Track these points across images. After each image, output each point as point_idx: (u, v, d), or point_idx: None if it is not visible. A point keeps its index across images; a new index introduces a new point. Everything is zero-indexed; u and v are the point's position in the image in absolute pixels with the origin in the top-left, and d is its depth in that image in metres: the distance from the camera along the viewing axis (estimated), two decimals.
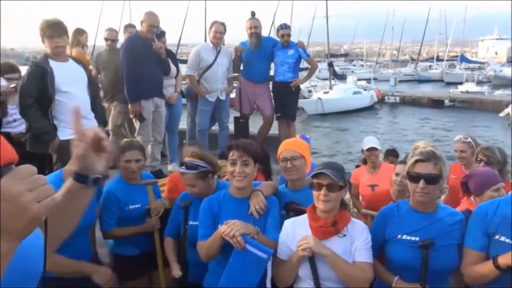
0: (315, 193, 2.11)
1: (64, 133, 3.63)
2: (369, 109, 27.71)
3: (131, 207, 2.97)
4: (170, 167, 5.34)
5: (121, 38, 5.77)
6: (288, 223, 2.28)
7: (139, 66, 4.56)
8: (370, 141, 4.34)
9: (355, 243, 2.12)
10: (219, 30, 5.33)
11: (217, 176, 2.86)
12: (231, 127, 6.00)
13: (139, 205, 3.00)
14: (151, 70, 4.68)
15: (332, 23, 30.76)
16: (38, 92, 3.54)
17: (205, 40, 6.45)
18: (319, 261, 2.08)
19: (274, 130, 6.10)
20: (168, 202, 3.29)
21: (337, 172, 2.08)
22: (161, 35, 5.21)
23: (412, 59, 65.12)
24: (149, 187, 3.05)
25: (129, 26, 6.06)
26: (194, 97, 5.68)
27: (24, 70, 3.91)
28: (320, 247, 2.04)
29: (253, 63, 5.57)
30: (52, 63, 3.62)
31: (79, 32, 5.70)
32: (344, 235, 2.12)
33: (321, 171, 2.07)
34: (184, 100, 5.73)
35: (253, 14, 5.64)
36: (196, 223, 2.76)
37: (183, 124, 6.16)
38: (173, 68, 5.12)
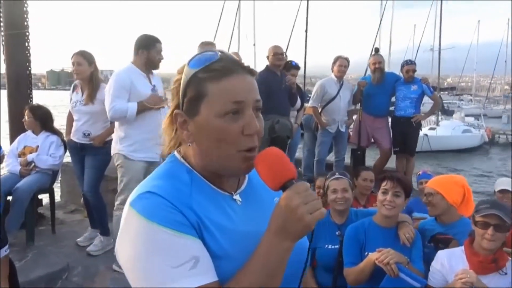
0: (479, 230, 2.15)
1: None
2: (478, 149, 25.28)
3: None
4: None
5: None
6: (443, 254, 2.34)
7: (270, 98, 4.92)
8: (503, 183, 4.14)
9: None
10: (343, 64, 5.63)
11: None
12: (347, 158, 6.13)
13: None
14: (281, 102, 5.01)
15: (436, 55, 28.92)
16: None
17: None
18: None
19: (390, 164, 6.10)
20: None
21: (505, 213, 2.10)
22: (295, 67, 5.54)
23: None
24: None
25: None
26: (312, 128, 5.96)
27: None
28: (481, 284, 2.06)
29: (374, 97, 5.68)
30: None
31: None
32: (505, 273, 2.13)
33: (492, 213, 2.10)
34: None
35: (376, 50, 5.85)
36: (331, 246, 2.91)
37: (299, 152, 6.43)
38: (298, 101, 5.41)
